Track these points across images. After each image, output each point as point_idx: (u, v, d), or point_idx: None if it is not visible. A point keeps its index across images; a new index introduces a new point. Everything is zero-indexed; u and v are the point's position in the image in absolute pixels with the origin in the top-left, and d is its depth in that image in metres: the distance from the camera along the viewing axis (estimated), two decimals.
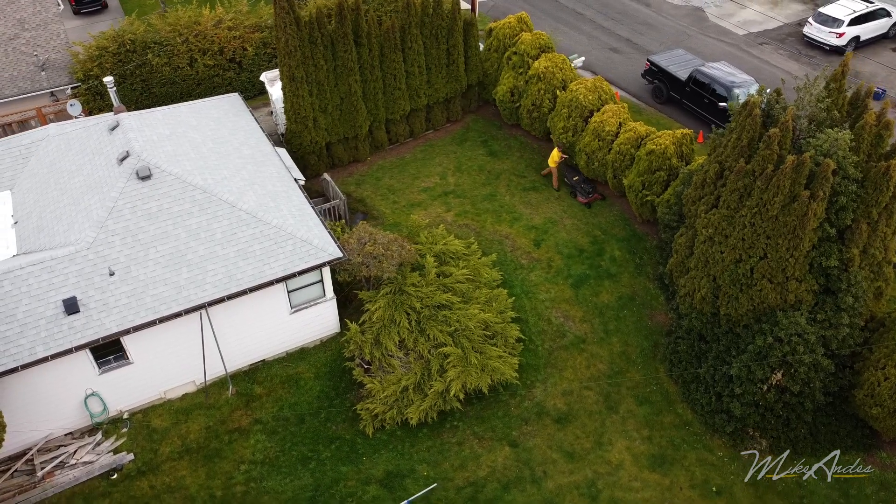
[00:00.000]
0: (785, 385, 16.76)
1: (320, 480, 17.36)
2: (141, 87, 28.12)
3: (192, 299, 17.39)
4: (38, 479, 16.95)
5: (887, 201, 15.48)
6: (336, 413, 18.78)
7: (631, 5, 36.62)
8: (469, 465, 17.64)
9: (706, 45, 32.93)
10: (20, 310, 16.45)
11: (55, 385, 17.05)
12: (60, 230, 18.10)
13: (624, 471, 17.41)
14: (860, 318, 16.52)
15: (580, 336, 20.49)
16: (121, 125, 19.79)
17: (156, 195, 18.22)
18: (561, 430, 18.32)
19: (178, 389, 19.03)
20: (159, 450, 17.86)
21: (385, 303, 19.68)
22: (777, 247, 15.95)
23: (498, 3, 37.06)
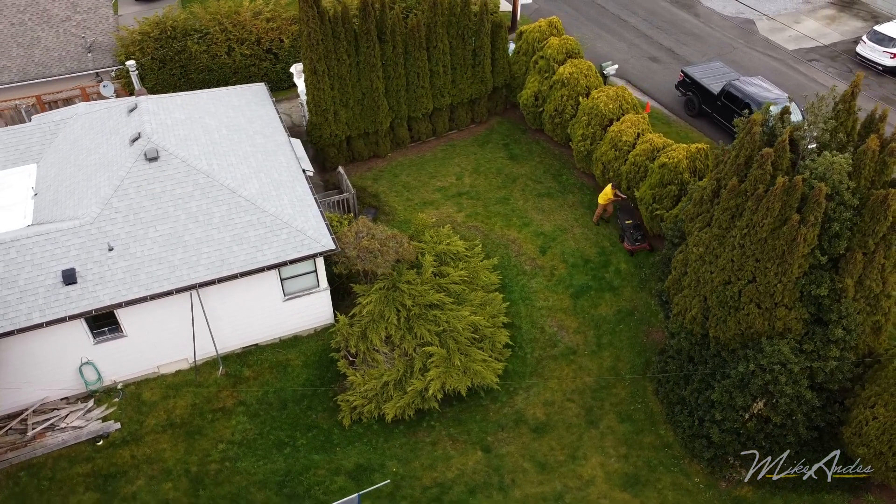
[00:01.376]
0: (767, 415, 16.11)
1: (292, 466, 17.67)
2: (180, 72, 29.11)
3: (184, 279, 17.97)
4: (29, 439, 17.84)
5: (885, 231, 14.66)
6: (318, 402, 19.07)
7: (679, 14, 35.72)
8: (439, 465, 17.64)
9: (751, 59, 31.84)
10: (22, 277, 17.34)
11: (52, 351, 17.90)
12: (71, 204, 18.98)
13: (594, 487, 17.08)
14: (852, 353, 15.72)
15: (571, 347, 20.19)
16: (138, 108, 20.58)
17: (161, 177, 18.89)
18: (537, 439, 18.10)
19: (172, 365, 19.68)
20: (145, 422, 18.53)
21: (377, 297, 19.85)
22: (766, 271, 15.34)
23: (542, 7, 36.72)
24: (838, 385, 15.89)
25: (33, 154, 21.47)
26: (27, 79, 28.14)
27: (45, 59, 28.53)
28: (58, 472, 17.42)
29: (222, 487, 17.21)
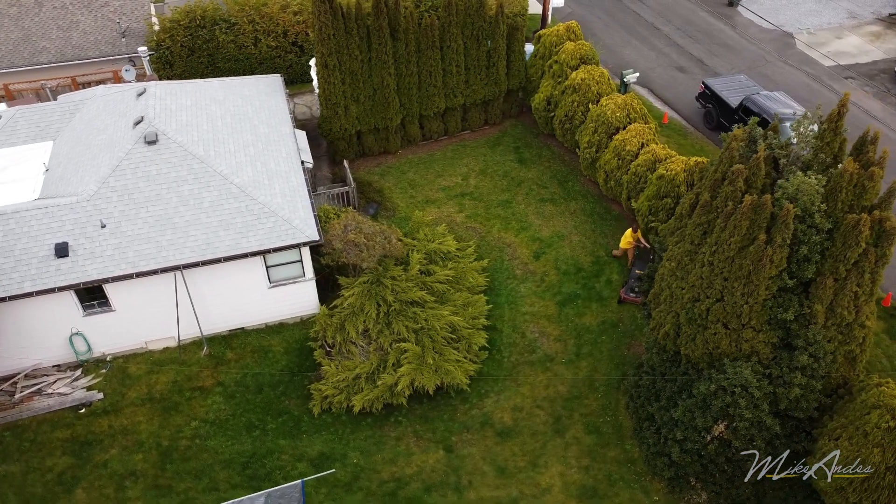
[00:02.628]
0: (729, 439, 15.70)
1: (258, 449, 18.11)
2: (207, 60, 30.00)
3: (170, 260, 18.61)
4: (17, 401, 18.78)
5: (857, 258, 14.10)
6: (293, 389, 19.47)
7: (715, 25, 34.86)
8: (400, 461, 17.80)
9: (783, 74, 30.86)
10: (18, 247, 18.26)
11: (43, 319, 18.78)
12: (74, 181, 19.86)
13: (550, 496, 16.96)
14: (821, 381, 15.14)
15: (550, 354, 20.04)
16: (147, 92, 21.37)
17: (157, 160, 19.59)
18: (500, 443, 18.07)
19: (159, 342, 20.39)
20: (127, 394, 19.26)
21: (359, 291, 20.11)
22: (733, 291, 14.95)
23: (574, 11, 36.38)
24: (804, 414, 15.35)
25: (51, 132, 22.51)
26: (64, 60, 29.45)
27: (82, 42, 29.82)
28: (39, 435, 18.29)
29: (188, 463, 17.76)
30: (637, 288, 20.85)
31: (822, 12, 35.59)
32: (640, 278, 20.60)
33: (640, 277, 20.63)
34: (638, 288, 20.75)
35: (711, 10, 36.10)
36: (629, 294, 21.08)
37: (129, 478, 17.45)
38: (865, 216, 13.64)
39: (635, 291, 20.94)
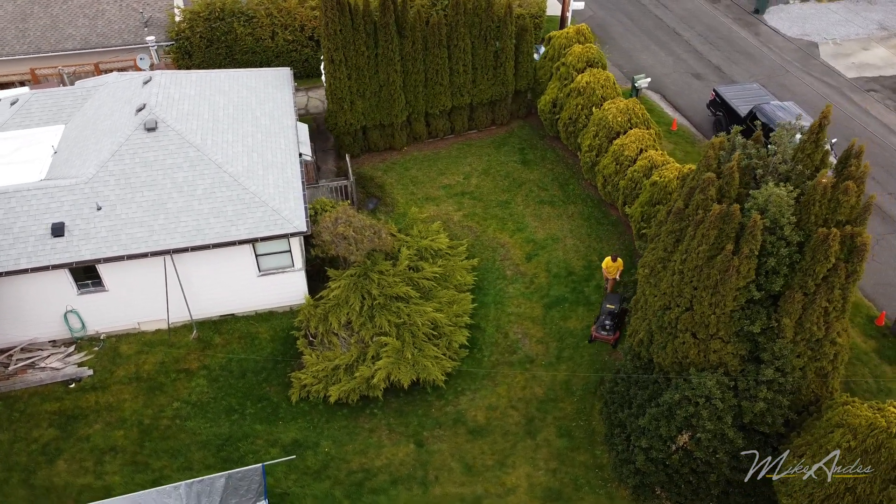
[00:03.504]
0: (692, 449, 15.53)
1: (235, 432, 18.52)
2: (225, 52, 30.66)
3: (160, 244, 19.14)
4: (11, 373, 19.54)
5: (826, 273, 13.82)
6: (275, 376, 19.84)
7: (738, 32, 34.27)
8: (370, 452, 18.02)
9: (801, 84, 30.20)
10: (17, 225, 18.99)
11: (40, 296, 19.50)
12: (77, 164, 20.55)
13: (514, 497, 16.99)
14: (788, 397, 14.87)
15: (530, 356, 20.04)
16: (152, 80, 21.98)
17: (155, 146, 20.15)
18: (470, 441, 18.16)
19: (152, 323, 20.97)
20: (115, 372, 19.87)
21: (345, 283, 20.40)
22: (701, 300, 14.78)
23: (596, 14, 36.17)
24: (770, 429, 15.10)
25: (64, 116, 23.30)
26: (88, 47, 30.41)
27: (106, 30, 30.74)
28: (29, 407, 19.00)
29: (167, 442, 18.26)
30: (609, 325, 19.71)
31: (852, 22, 34.69)
32: (613, 314, 19.70)
33: (613, 313, 19.70)
34: (610, 325, 19.70)
35: (736, 18, 35.49)
36: (600, 332, 19.79)
37: (109, 452, 18.02)
38: (835, 230, 13.37)
39: (607, 329, 19.73)
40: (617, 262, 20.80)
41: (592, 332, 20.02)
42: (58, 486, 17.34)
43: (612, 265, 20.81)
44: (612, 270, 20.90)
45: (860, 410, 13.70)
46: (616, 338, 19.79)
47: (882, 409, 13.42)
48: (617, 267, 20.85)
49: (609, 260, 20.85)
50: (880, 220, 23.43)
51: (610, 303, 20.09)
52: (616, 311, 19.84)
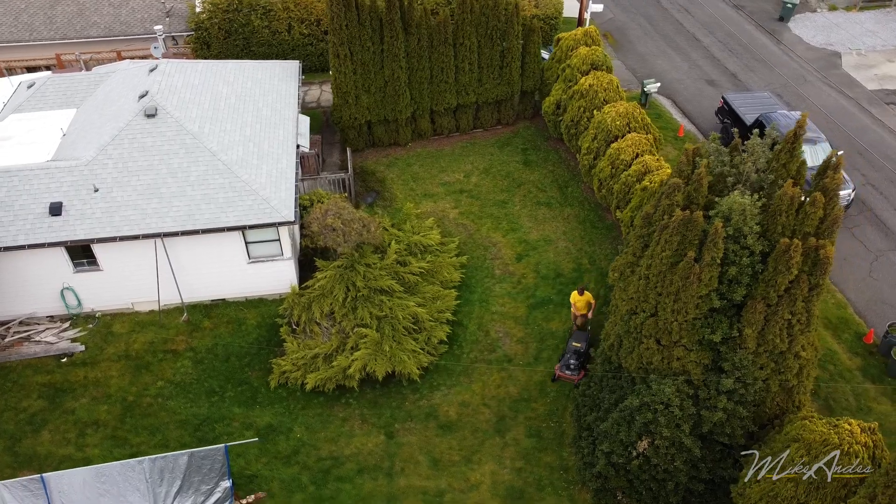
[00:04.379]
0: (651, 456, 15.43)
1: (213, 413, 18.99)
2: (242, 44, 31.31)
3: (152, 227, 19.72)
4: (7, 345, 20.36)
5: (787, 284, 13.60)
6: (257, 361, 20.27)
7: (759, 39, 33.67)
8: (341, 440, 18.31)
9: (818, 94, 29.56)
10: (18, 203, 19.77)
11: (38, 272, 20.26)
12: (81, 146, 21.28)
13: (476, 493, 17.09)
14: (747, 408, 14.68)
15: (509, 355, 20.10)
16: (157, 69, 22.63)
17: (154, 132, 20.75)
18: (440, 436, 18.31)
19: (145, 304, 21.61)
20: (106, 349, 20.54)
21: (332, 274, 20.72)
22: (665, 307, 14.70)
23: (616, 17, 35.93)
24: (729, 440, 14.93)
25: (76, 100, 24.12)
26: (111, 35, 31.39)
27: (129, 19, 31.67)
28: (22, 378, 19.76)
29: (147, 419, 18.82)
30: (573, 364, 18.64)
31: (880, 33, 33.79)
32: (578, 353, 18.75)
33: (578, 352, 18.74)
34: (574, 364, 18.64)
35: (759, 25, 34.88)
36: (564, 371, 18.70)
37: (92, 426, 18.66)
38: (797, 242, 13.17)
39: (571, 368, 18.62)
40: (584, 295, 19.37)
41: (556, 370, 18.97)
42: (40, 454, 18.03)
43: (579, 299, 19.45)
44: (581, 305, 19.55)
45: (816, 426, 13.48)
46: (580, 378, 18.57)
47: (837, 426, 13.18)
48: (586, 301, 19.44)
49: (576, 294, 19.50)
50: (883, 235, 22.85)
51: (576, 340, 19.11)
52: (582, 350, 18.79)
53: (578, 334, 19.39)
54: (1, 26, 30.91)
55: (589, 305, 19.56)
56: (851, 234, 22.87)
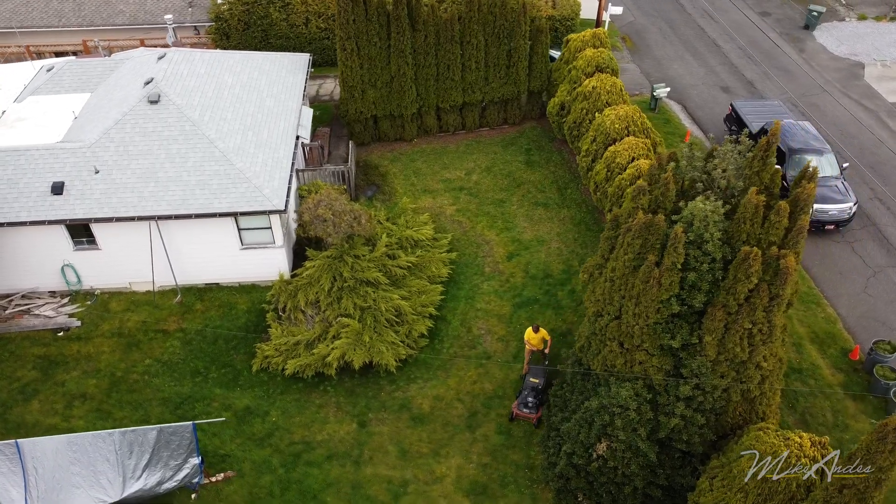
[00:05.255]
0: (608, 458, 15.40)
1: (195, 393, 19.52)
2: (261, 35, 31.96)
3: (147, 210, 20.34)
4: (8, 317, 21.22)
5: (747, 293, 13.44)
6: (243, 345, 20.75)
7: (781, 47, 33.03)
8: (314, 426, 18.66)
9: (835, 105, 28.90)
10: (23, 181, 20.59)
11: (40, 248, 21.07)
12: (88, 129, 22.05)
13: (440, 485, 17.26)
14: (705, 415, 14.55)
15: (488, 352, 20.21)
16: (165, 57, 23.29)
17: (155, 118, 21.39)
18: (411, 427, 18.52)
19: (142, 285, 22.28)
20: (100, 325, 21.26)
21: (320, 264, 21.10)
22: (627, 310, 14.67)
23: (637, 20, 35.62)
24: (686, 447, 14.81)
25: (91, 85, 24.95)
26: (136, 23, 32.33)
27: (154, 8, 32.57)
28: (19, 349, 20.59)
29: (132, 395, 19.44)
30: (532, 402, 17.90)
31: None
32: (536, 390, 17.97)
33: (536, 389, 17.95)
34: (533, 402, 17.90)
35: (783, 33, 34.22)
36: (522, 409, 17.89)
37: (79, 398, 19.35)
38: (756, 250, 13.03)
39: (529, 406, 17.85)
40: (539, 332, 18.67)
41: (513, 409, 18.13)
42: (28, 423, 18.78)
43: (533, 336, 18.73)
44: (535, 342, 18.83)
45: (769, 437, 13.32)
46: (539, 416, 17.91)
47: (789, 438, 13.01)
48: (540, 337, 18.73)
49: (530, 330, 18.74)
50: (884, 251, 22.29)
51: (534, 377, 18.30)
52: (540, 387, 18.07)
53: (535, 370, 18.59)
54: (32, 12, 32.11)
55: (544, 342, 18.88)
56: (851, 249, 22.37)
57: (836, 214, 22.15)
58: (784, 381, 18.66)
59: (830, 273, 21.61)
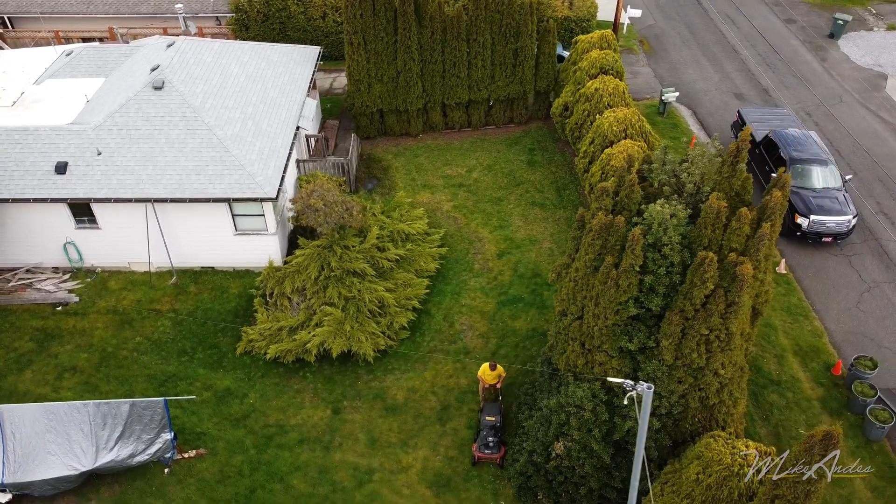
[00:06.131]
0: (564, 458, 15.42)
1: (179, 372, 20.08)
2: (279, 28, 32.55)
3: (144, 192, 20.98)
4: (10, 289, 22.11)
5: (703, 298, 13.32)
6: (231, 328, 21.25)
7: (803, 56, 32.35)
8: (289, 410, 19.04)
9: (852, 116, 28.23)
10: (29, 160, 21.42)
11: (44, 225, 21.89)
12: (96, 112, 22.82)
13: (404, 475, 17.47)
14: (660, 420, 14.45)
15: (467, 348, 20.34)
16: (174, 45, 23.95)
17: (158, 104, 22.03)
18: (383, 417, 18.77)
19: (141, 265, 22.98)
20: (97, 302, 22.00)
21: (310, 252, 21.49)
22: (588, 310, 14.67)
23: (657, 23, 35.27)
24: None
25: (106, 70, 25.78)
26: (160, 12, 33.23)
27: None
28: (18, 320, 21.44)
29: (120, 370, 20.09)
30: (492, 442, 17.10)
31: None
32: (495, 428, 17.26)
33: (495, 427, 17.26)
34: (493, 441, 17.10)
35: (807, 40, 33.52)
36: (483, 451, 17.09)
37: (70, 371, 20.07)
38: (711, 255, 12.93)
39: (490, 446, 17.07)
40: (497, 369, 18.09)
41: (474, 452, 17.28)
42: (20, 391, 19.56)
43: (489, 374, 18.08)
44: (490, 378, 18.21)
45: (717, 444, 13.21)
46: (502, 455, 17.19)
47: (735, 447, 12.88)
48: (496, 374, 18.15)
49: (486, 367, 18.06)
50: (883, 267, 21.75)
51: (490, 415, 17.52)
52: (498, 425, 17.32)
53: (490, 408, 17.79)
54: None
55: (499, 377, 18.29)
56: (848, 263, 21.88)
57: (834, 227, 21.68)
58: (762, 392, 18.44)
59: (823, 286, 21.17)
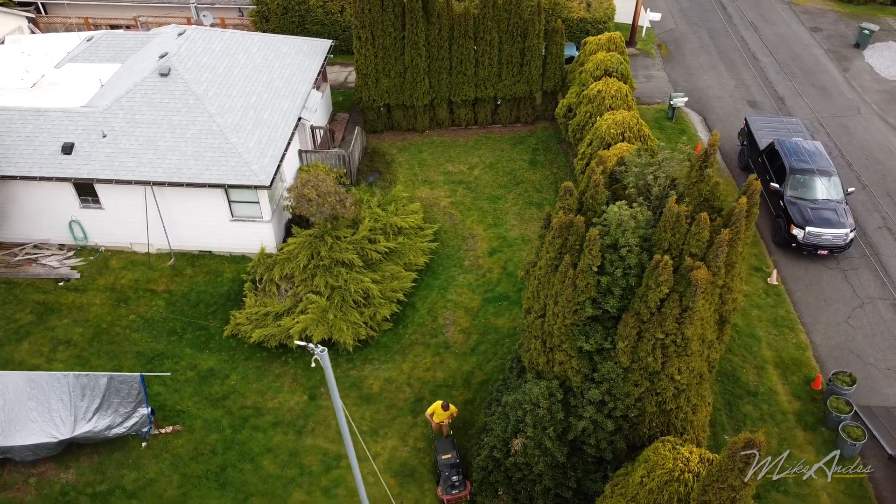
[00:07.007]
0: (520, 455, 15.47)
1: (167, 350, 20.68)
2: (298, 20, 33.10)
3: (144, 175, 21.64)
4: (16, 263, 23.02)
5: (658, 302, 13.24)
6: (221, 311, 21.79)
7: (825, 65, 31.63)
8: (268, 393, 19.47)
9: (867, 129, 27.53)
10: (39, 139, 22.26)
11: (51, 203, 22.74)
12: (106, 96, 23.59)
13: (370, 463, 17.69)
14: (615, 422, 14.41)
15: (448, 342, 20.50)
16: (184, 34, 24.59)
17: (163, 90, 22.68)
18: (358, 405, 19.06)
19: (142, 246, 23.69)
20: (97, 280, 22.77)
21: (301, 241, 21.90)
22: (549, 309, 14.71)
23: (678, 27, 34.85)
24: (593, 451, 14.72)
25: (123, 56, 26.59)
26: (185, 2, 34.08)
27: None
28: (21, 293, 22.32)
29: (111, 346, 20.77)
30: (457, 480, 16.73)
31: None
32: (455, 465, 16.91)
33: (454, 465, 16.92)
34: (458, 480, 16.74)
35: (830, 50, 32.75)
36: (450, 492, 16.64)
37: (64, 344, 20.83)
38: (666, 258, 12.87)
39: (456, 486, 16.69)
40: (449, 409, 17.54)
41: (440, 496, 16.88)
42: (15, 360, 20.38)
43: (442, 414, 17.57)
44: (442, 418, 17.72)
45: (664, 449, 13.14)
46: (469, 490, 16.81)
47: (679, 452, 12.81)
48: (449, 414, 17.67)
49: (439, 407, 17.47)
50: (878, 283, 21.21)
51: (445, 452, 17.12)
52: (458, 461, 16.99)
53: (443, 445, 17.38)
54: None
55: (450, 416, 17.79)
56: (843, 277, 21.40)
57: (831, 240, 21.23)
58: (737, 402, 18.20)
59: (815, 299, 20.75)
